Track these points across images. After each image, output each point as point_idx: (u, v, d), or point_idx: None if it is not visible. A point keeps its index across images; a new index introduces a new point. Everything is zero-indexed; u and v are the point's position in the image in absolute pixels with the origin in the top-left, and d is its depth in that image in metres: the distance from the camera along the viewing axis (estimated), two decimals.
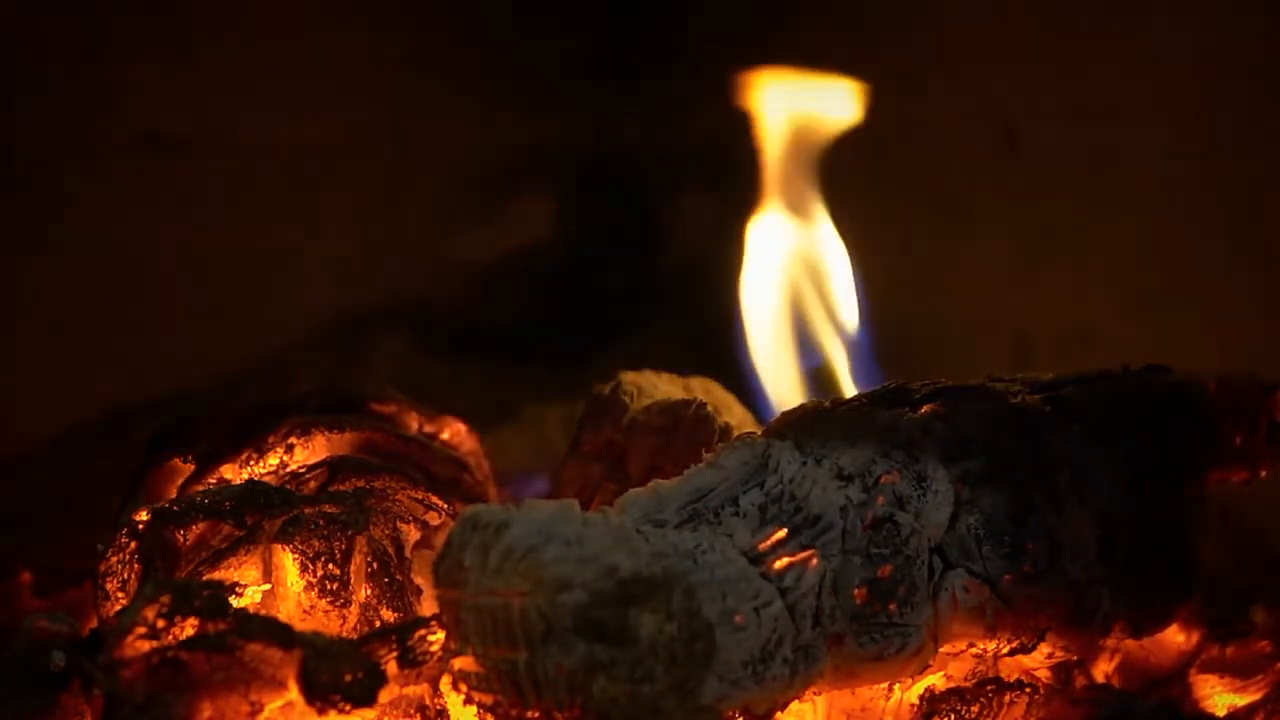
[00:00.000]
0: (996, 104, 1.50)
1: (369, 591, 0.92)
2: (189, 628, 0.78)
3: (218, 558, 0.91)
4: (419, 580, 0.94)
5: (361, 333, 1.64)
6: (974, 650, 0.88)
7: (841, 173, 1.19)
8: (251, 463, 1.00)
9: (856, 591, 0.81)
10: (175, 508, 0.93)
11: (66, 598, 1.11)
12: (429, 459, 1.05)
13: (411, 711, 0.85)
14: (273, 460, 1.00)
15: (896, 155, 1.55)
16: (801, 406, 0.89)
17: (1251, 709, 0.95)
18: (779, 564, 0.79)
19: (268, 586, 0.90)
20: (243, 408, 1.06)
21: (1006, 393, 0.89)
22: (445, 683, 0.83)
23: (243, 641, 0.77)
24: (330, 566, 0.91)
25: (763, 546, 0.80)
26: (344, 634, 0.90)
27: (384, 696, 0.78)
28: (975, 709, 0.88)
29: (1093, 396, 0.90)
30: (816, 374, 1.10)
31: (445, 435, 1.10)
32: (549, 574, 0.73)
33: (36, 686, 0.85)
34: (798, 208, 1.15)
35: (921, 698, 0.90)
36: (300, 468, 1.00)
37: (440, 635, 0.80)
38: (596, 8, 1.75)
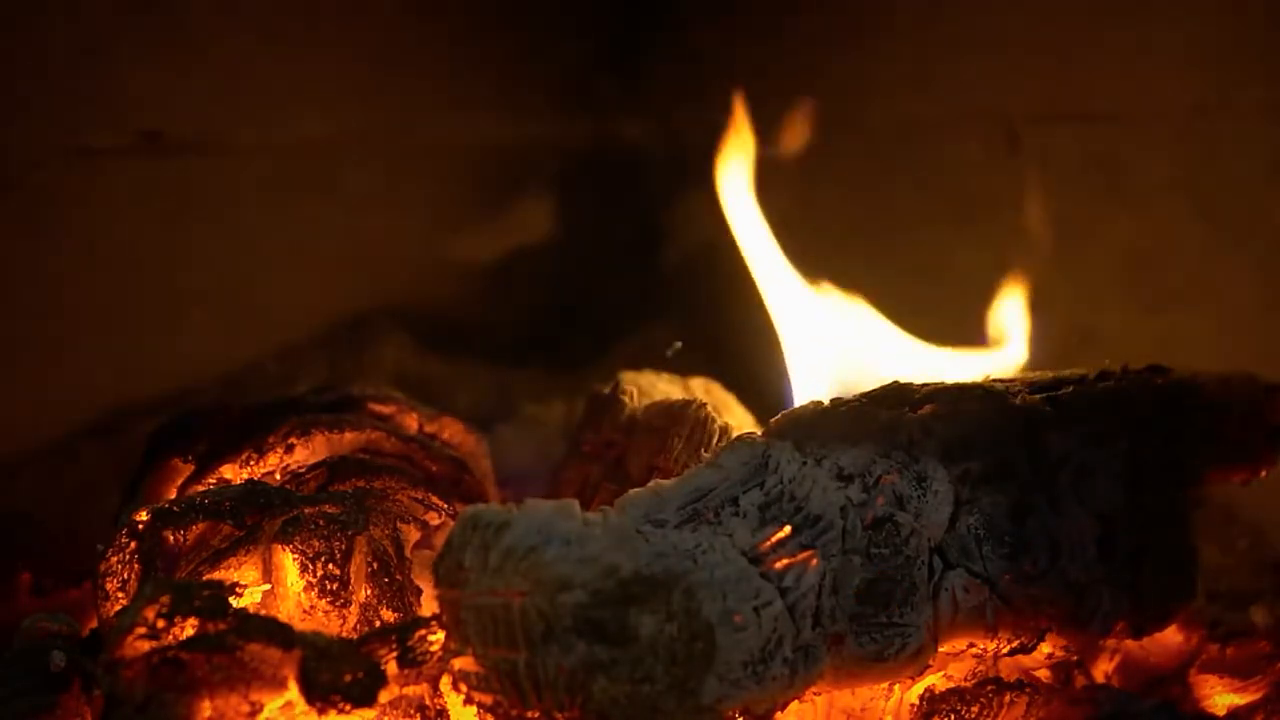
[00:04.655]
0: (997, 104, 1.50)
1: (369, 591, 0.92)
2: (189, 628, 0.78)
3: (218, 558, 0.91)
4: (419, 580, 0.94)
5: (361, 333, 1.64)
6: (974, 650, 0.88)
7: (842, 172, 1.19)
8: (251, 463, 1.00)
9: (856, 591, 0.81)
10: (175, 508, 0.93)
11: (66, 598, 1.11)
12: (429, 459, 1.05)
13: (411, 711, 0.85)
14: (273, 460, 1.00)
15: (897, 155, 1.55)
16: (801, 406, 0.89)
17: (1251, 709, 0.95)
18: (779, 564, 0.79)
19: (268, 586, 0.90)
20: (243, 408, 1.06)
21: (1006, 393, 0.89)
22: (445, 683, 0.83)
23: (243, 641, 0.77)
24: (330, 566, 0.91)
25: (763, 546, 0.80)
26: (344, 634, 0.90)
27: (384, 696, 0.78)
28: (975, 709, 0.88)
29: (1093, 396, 0.90)
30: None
31: (445, 435, 1.10)
32: (549, 574, 0.73)
33: (36, 686, 0.85)
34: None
35: (921, 698, 0.90)
36: (300, 468, 1.00)
37: (440, 635, 0.80)
38: (597, 8, 1.75)
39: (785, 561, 0.79)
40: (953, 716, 0.88)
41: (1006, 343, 1.11)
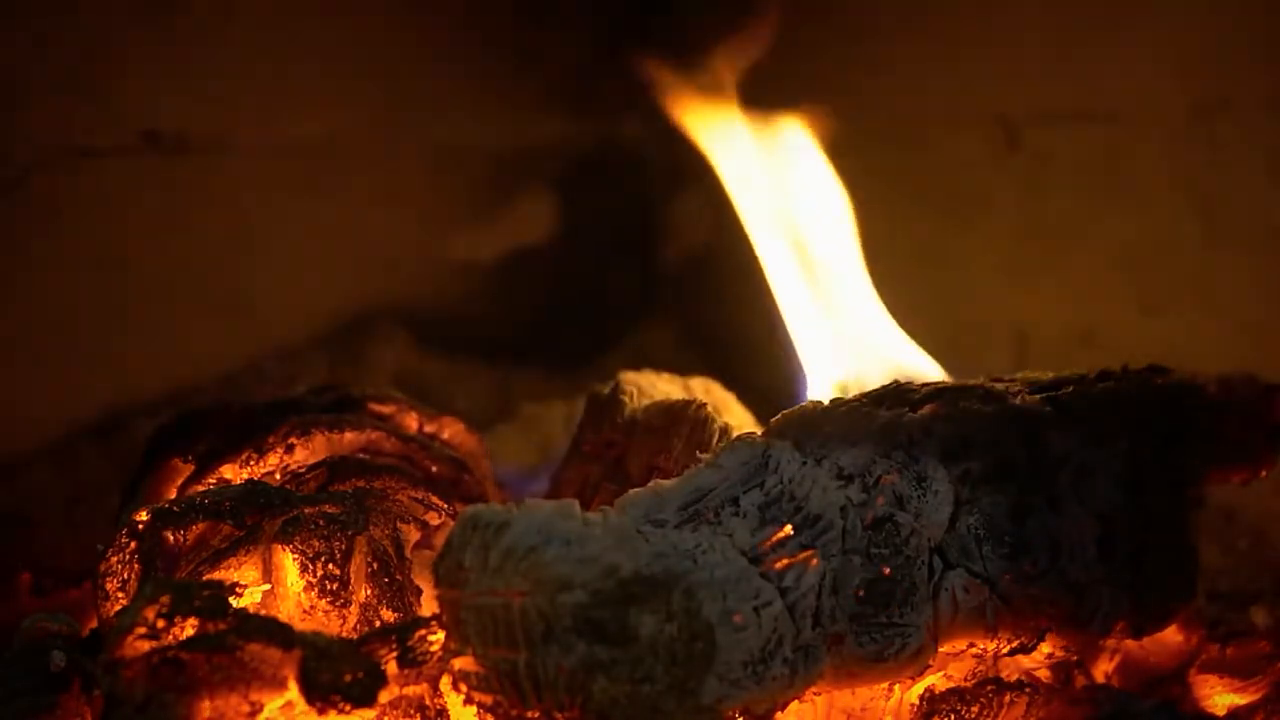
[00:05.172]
0: (996, 104, 1.50)
1: (369, 591, 0.92)
2: (189, 628, 0.78)
3: (218, 558, 0.91)
4: (419, 580, 0.94)
5: (361, 333, 1.64)
6: (974, 650, 0.88)
7: (841, 173, 1.19)
8: (251, 463, 0.99)
9: (856, 591, 0.81)
10: (175, 508, 0.93)
11: (66, 598, 1.11)
12: (429, 459, 1.05)
13: (411, 711, 0.85)
14: (273, 460, 1.00)
15: (897, 155, 1.55)
16: (801, 407, 0.89)
17: (1251, 709, 0.95)
18: (779, 564, 0.79)
19: (268, 586, 0.90)
20: (242, 408, 1.06)
21: (1006, 393, 0.89)
22: (445, 683, 0.83)
23: (243, 641, 0.77)
24: (330, 566, 0.91)
25: (763, 546, 0.80)
26: (344, 634, 0.90)
27: (384, 696, 0.78)
28: (975, 709, 0.88)
29: (1093, 396, 0.90)
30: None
31: (445, 435, 1.10)
32: (549, 574, 0.73)
33: (36, 686, 0.85)
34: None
35: (921, 698, 0.90)
36: (300, 468, 1.00)
37: (440, 635, 0.80)
38: (597, 8, 1.75)
39: (785, 561, 0.79)
40: (953, 716, 0.88)
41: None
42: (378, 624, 0.90)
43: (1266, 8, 1.30)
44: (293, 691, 0.77)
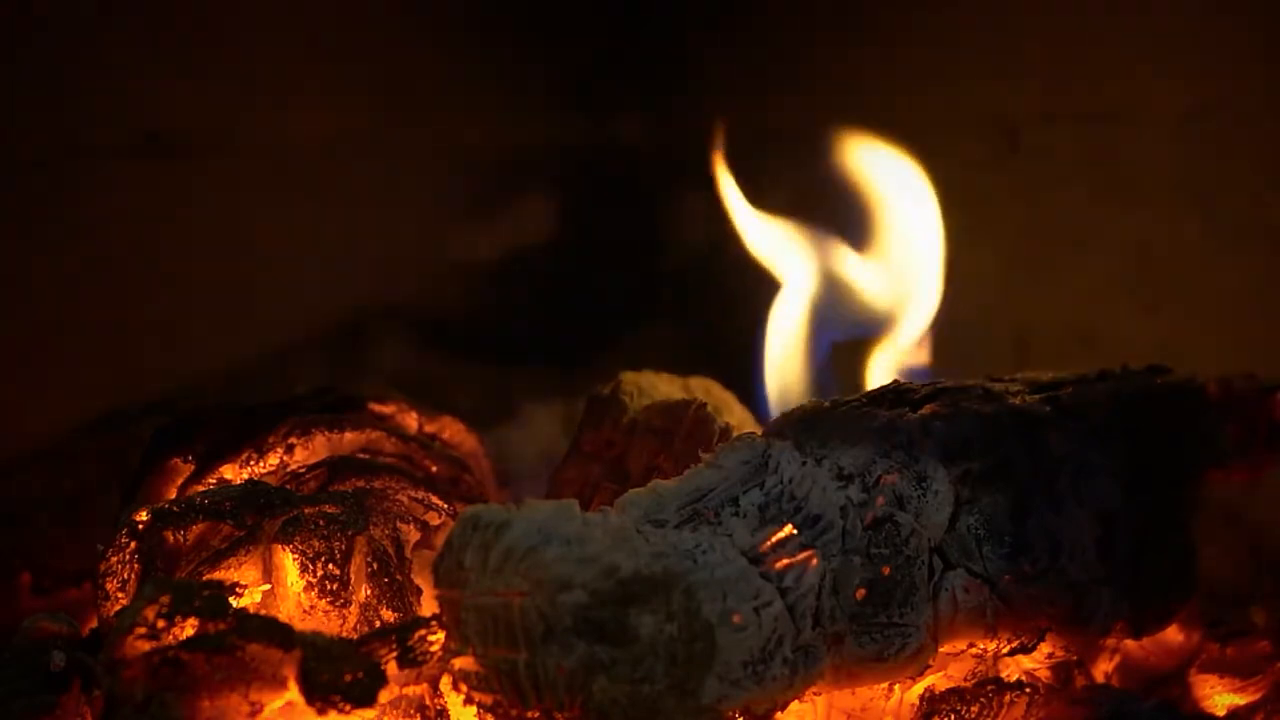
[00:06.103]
0: (997, 104, 1.50)
1: (369, 591, 0.92)
2: (189, 628, 0.78)
3: (218, 558, 0.91)
4: (419, 580, 0.94)
5: (361, 333, 1.64)
6: (974, 650, 0.88)
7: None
8: (251, 463, 1.00)
9: (857, 591, 0.81)
10: (175, 508, 0.93)
11: (66, 598, 1.11)
12: (429, 459, 1.05)
13: (411, 711, 0.85)
14: (273, 460, 1.00)
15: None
16: (801, 407, 0.89)
17: (1251, 709, 0.95)
18: (779, 564, 0.79)
19: (268, 586, 0.90)
20: (242, 408, 1.06)
21: (1006, 393, 0.89)
22: (445, 683, 0.83)
23: (243, 641, 0.77)
24: (330, 566, 0.91)
25: (763, 546, 0.80)
26: (344, 634, 0.90)
27: (384, 696, 0.78)
28: (975, 709, 0.88)
29: (1093, 396, 0.90)
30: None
31: (445, 435, 1.10)
32: (549, 574, 0.73)
33: (36, 686, 0.85)
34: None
35: (921, 698, 0.90)
36: (300, 468, 1.00)
37: (440, 635, 0.80)
38: (596, 9, 1.75)
39: (785, 561, 0.79)
40: (953, 716, 0.88)
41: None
42: (378, 624, 0.90)
43: (1266, 8, 1.30)
44: (293, 691, 0.77)
